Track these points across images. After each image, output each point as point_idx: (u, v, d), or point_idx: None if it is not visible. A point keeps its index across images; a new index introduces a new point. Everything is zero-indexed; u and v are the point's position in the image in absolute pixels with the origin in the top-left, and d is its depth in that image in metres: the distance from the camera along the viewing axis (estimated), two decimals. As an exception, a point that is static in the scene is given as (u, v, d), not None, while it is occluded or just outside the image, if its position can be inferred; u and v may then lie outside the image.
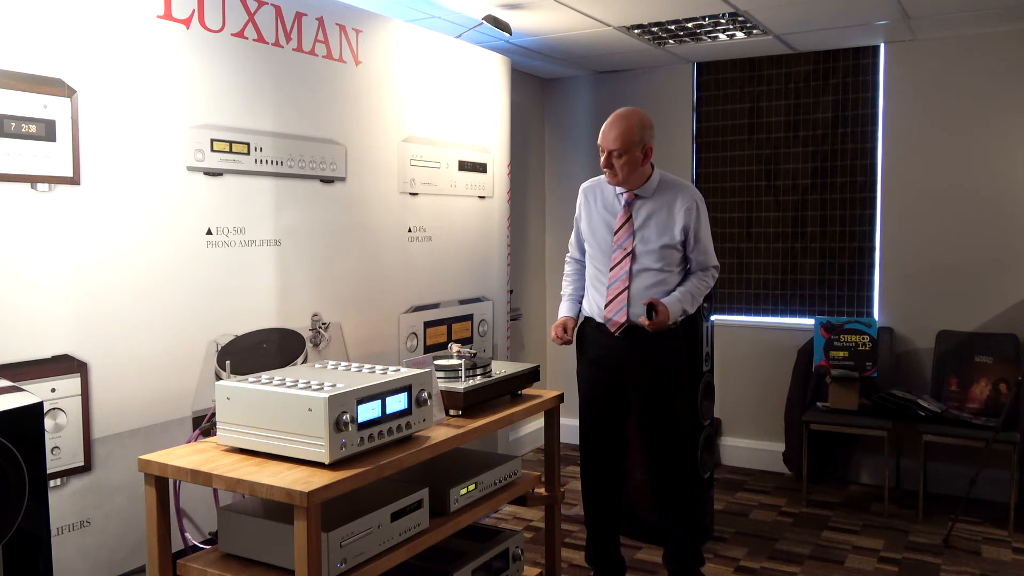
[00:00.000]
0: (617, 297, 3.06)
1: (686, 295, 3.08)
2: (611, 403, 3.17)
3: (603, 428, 3.20)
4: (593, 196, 3.21)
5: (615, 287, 3.07)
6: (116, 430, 2.38)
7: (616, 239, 3.09)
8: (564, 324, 3.20)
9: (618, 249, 3.08)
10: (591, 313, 3.18)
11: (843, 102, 4.73)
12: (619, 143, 2.98)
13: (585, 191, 3.26)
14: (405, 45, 3.47)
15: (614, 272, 3.08)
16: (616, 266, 3.08)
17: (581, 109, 5.48)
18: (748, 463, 5.02)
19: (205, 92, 2.62)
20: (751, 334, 5.03)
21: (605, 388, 3.17)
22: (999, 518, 4.10)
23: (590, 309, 3.20)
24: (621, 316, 3.05)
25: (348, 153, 3.19)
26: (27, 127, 2.15)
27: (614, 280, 3.08)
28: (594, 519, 3.28)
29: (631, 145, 2.98)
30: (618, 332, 3.07)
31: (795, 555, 3.73)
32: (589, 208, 3.21)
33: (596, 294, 3.16)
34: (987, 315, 4.41)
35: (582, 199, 3.26)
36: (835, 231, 4.80)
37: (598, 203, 3.18)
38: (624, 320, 3.05)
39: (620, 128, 3.00)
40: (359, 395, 2.02)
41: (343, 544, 1.97)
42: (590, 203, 3.21)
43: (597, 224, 3.16)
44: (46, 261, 2.20)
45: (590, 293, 3.21)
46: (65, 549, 2.23)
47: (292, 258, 2.96)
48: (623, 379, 3.13)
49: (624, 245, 3.07)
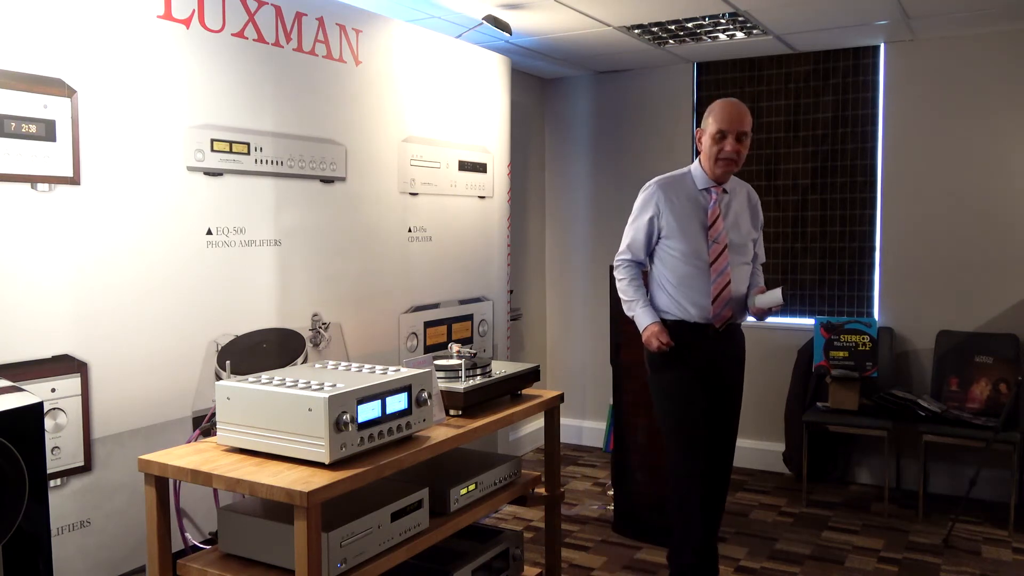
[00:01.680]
0: (723, 291, 3.01)
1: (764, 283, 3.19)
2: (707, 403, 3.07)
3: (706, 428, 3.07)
4: (675, 194, 3.07)
5: (719, 282, 3.01)
6: (116, 430, 2.38)
7: (711, 234, 3.01)
8: (662, 330, 3.01)
9: (714, 244, 3.01)
10: (684, 315, 3.04)
11: (843, 102, 4.73)
12: (747, 124, 2.97)
13: (665, 188, 3.08)
14: (405, 45, 3.47)
15: (716, 266, 3.00)
16: (716, 259, 3.01)
17: (581, 109, 5.48)
18: (748, 463, 5.02)
19: (205, 92, 2.62)
20: (751, 334, 4.98)
21: (709, 390, 3.06)
22: (999, 518, 4.10)
23: (682, 311, 3.04)
24: (727, 311, 3.02)
25: (348, 153, 3.19)
26: (27, 127, 2.15)
27: (717, 275, 3.01)
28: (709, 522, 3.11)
29: (750, 129, 3.00)
30: (722, 327, 3.04)
31: (795, 555, 3.73)
32: (674, 206, 3.05)
33: (694, 292, 3.02)
34: (987, 315, 4.41)
35: (660, 197, 3.06)
36: (835, 231, 4.80)
37: (681, 199, 3.06)
38: (730, 314, 3.04)
39: (743, 110, 2.98)
40: (359, 395, 2.02)
41: (343, 544, 1.97)
42: (673, 201, 3.06)
43: (688, 220, 3.04)
44: (46, 261, 2.20)
45: (684, 293, 3.03)
46: (65, 549, 2.23)
47: (292, 258, 2.96)
48: (716, 379, 3.06)
49: (719, 239, 3.01)
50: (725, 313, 3.03)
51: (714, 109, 3.03)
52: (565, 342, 5.63)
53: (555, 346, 5.69)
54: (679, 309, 3.04)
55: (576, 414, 5.53)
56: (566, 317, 5.62)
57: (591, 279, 5.48)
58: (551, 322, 5.70)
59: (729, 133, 2.96)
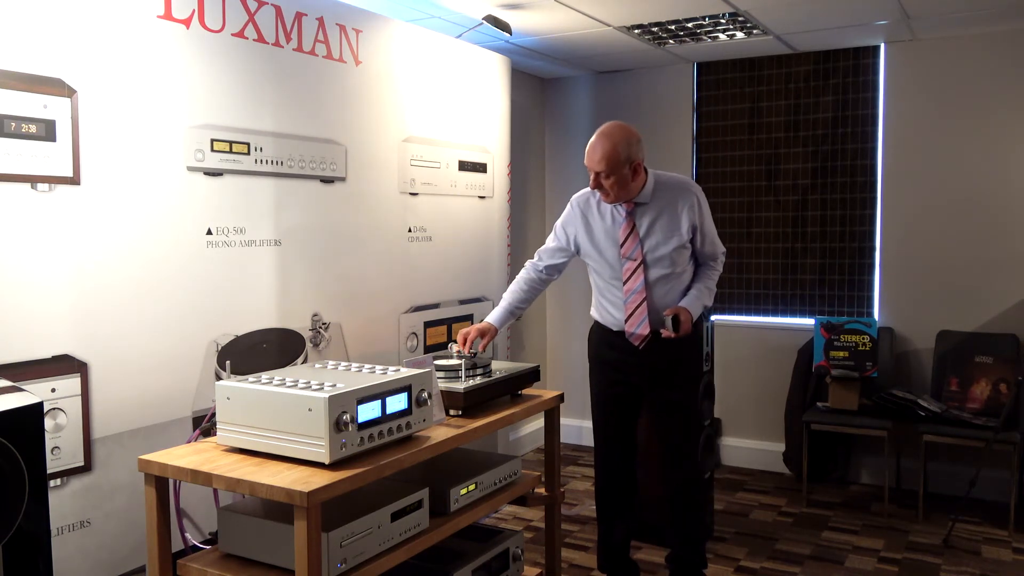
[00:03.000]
0: (637, 310, 2.96)
1: (703, 290, 3.02)
2: (627, 404, 3.13)
3: (620, 430, 3.16)
4: (589, 209, 3.05)
5: (633, 300, 2.96)
6: (116, 430, 2.38)
7: (624, 251, 2.96)
8: (480, 331, 2.90)
9: (628, 260, 2.96)
10: (605, 322, 3.08)
11: (843, 102, 4.73)
12: (604, 164, 2.82)
13: (580, 205, 3.08)
14: (405, 45, 3.47)
15: (629, 284, 2.96)
16: (630, 278, 2.96)
17: (581, 109, 5.48)
18: (748, 463, 5.02)
19: (205, 92, 2.62)
20: (751, 334, 5.03)
21: (622, 390, 3.10)
22: (999, 518, 4.10)
23: (603, 318, 3.09)
24: (644, 328, 2.96)
25: (348, 153, 3.19)
26: (27, 127, 2.15)
27: (630, 293, 2.96)
28: (609, 524, 3.24)
29: (617, 165, 2.82)
30: (642, 345, 2.99)
31: (795, 555, 3.73)
32: (587, 223, 3.05)
33: (612, 307, 3.05)
34: (987, 315, 4.41)
35: (576, 213, 3.08)
36: (835, 231, 4.80)
37: (595, 216, 3.03)
38: (647, 332, 2.96)
39: (603, 149, 2.82)
40: (359, 395, 2.02)
41: (343, 544, 1.97)
42: (587, 217, 3.05)
43: (600, 238, 3.01)
44: (46, 261, 2.20)
45: (603, 305, 3.09)
46: (65, 549, 2.23)
47: (292, 258, 2.96)
48: (642, 382, 3.07)
49: (633, 256, 2.95)
50: (643, 330, 2.96)
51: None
52: (565, 342, 5.63)
53: (555, 346, 5.70)
54: (602, 316, 3.11)
55: (576, 414, 5.52)
56: (566, 317, 5.62)
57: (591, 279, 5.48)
58: (551, 322, 5.70)
59: (590, 171, 2.89)
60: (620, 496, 3.22)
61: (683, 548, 3.21)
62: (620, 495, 3.22)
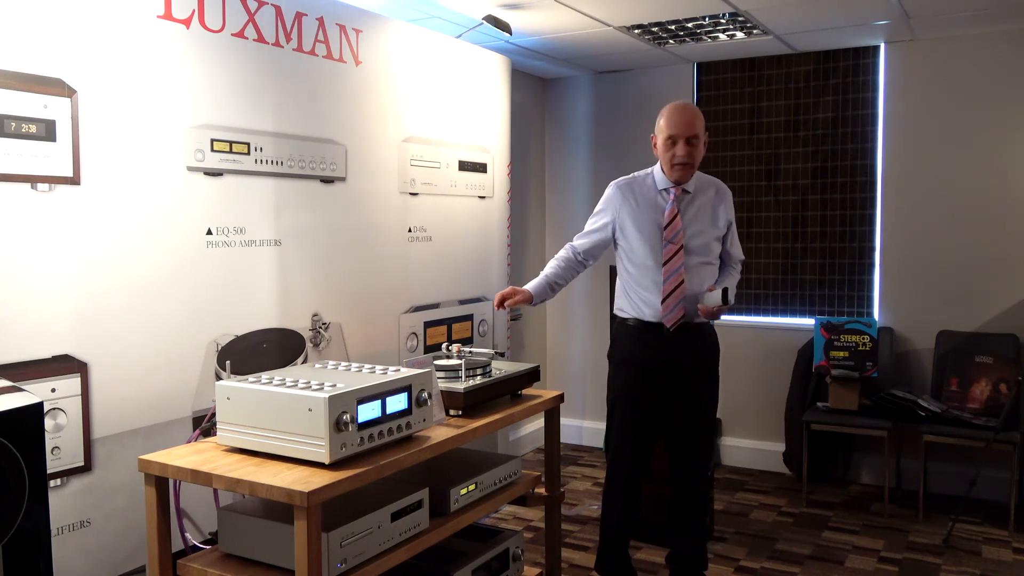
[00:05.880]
0: (674, 292, 3.01)
1: (732, 283, 3.14)
2: (655, 408, 3.13)
3: (644, 434, 3.16)
4: (632, 194, 3.12)
5: (671, 282, 3.02)
6: (116, 430, 2.38)
7: (666, 234, 3.03)
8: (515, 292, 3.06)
9: (668, 244, 3.02)
10: (638, 314, 3.10)
11: (843, 102, 4.73)
12: (698, 128, 3.00)
13: (621, 188, 3.15)
14: (405, 45, 3.47)
15: (668, 267, 3.02)
16: (670, 260, 3.02)
17: (581, 109, 5.48)
18: (748, 463, 5.02)
19: (205, 92, 2.62)
20: (751, 334, 5.03)
21: (654, 393, 3.11)
22: (999, 518, 4.10)
23: (636, 310, 3.10)
24: (679, 311, 3.02)
25: (348, 153, 3.19)
26: (27, 127, 2.15)
27: (670, 274, 3.02)
28: (615, 528, 3.22)
29: (702, 132, 3.03)
30: (674, 328, 3.03)
31: (795, 555, 3.73)
32: (631, 204, 3.11)
33: (646, 292, 3.07)
34: (987, 315, 4.41)
35: (617, 197, 3.14)
36: (835, 231, 4.80)
37: (639, 200, 3.10)
38: (682, 315, 3.02)
39: (692, 113, 3.01)
40: (359, 395, 2.02)
41: (343, 544, 1.97)
42: (630, 201, 3.11)
43: (644, 221, 3.08)
44: (46, 261, 2.20)
45: (636, 292, 3.10)
46: (65, 549, 2.23)
47: (292, 258, 2.96)
48: (673, 379, 3.09)
49: (675, 240, 3.02)
50: (677, 313, 3.02)
51: (664, 113, 3.07)
52: (565, 342, 5.64)
53: (555, 346, 5.70)
54: (634, 308, 3.12)
55: (576, 414, 5.53)
56: (566, 317, 5.62)
57: (591, 279, 5.47)
58: (551, 322, 5.70)
59: (679, 138, 3.00)
60: (629, 506, 3.20)
61: (684, 548, 3.21)
62: (629, 504, 3.20)
